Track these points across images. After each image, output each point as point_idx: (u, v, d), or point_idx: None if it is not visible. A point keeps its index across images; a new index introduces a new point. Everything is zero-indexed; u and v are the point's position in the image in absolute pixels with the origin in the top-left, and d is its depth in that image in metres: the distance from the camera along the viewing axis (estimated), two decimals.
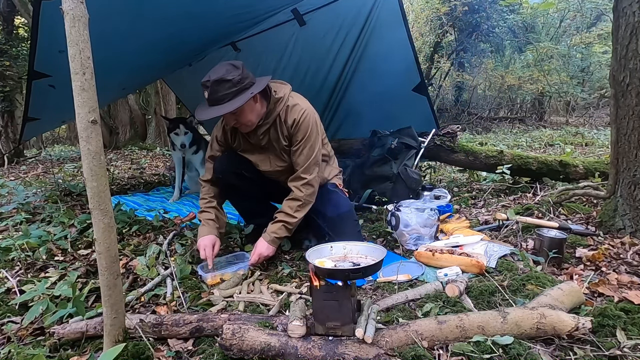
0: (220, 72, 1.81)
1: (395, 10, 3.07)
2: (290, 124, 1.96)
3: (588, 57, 10.62)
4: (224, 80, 1.79)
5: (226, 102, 1.81)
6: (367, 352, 1.18)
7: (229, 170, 2.11)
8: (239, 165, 2.12)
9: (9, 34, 7.10)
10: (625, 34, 1.94)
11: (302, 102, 2.02)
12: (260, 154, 2.10)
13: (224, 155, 2.14)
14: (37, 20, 1.85)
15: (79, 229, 2.53)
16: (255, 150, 2.10)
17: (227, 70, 1.81)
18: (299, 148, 1.97)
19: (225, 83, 1.79)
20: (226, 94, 1.80)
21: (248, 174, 2.13)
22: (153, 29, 2.55)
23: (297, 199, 1.96)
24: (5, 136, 7.12)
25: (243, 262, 2.00)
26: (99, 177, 1.13)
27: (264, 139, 2.04)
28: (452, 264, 1.84)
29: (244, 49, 4.02)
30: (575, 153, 5.39)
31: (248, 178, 2.13)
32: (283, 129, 1.99)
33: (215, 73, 1.82)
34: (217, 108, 1.83)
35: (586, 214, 2.45)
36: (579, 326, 1.23)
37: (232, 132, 2.10)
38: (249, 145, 2.10)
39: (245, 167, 2.12)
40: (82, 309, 1.43)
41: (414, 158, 3.24)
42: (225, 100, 1.81)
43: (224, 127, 2.10)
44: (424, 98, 3.39)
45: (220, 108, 1.82)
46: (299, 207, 1.96)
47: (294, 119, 1.95)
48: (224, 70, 1.81)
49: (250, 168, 2.14)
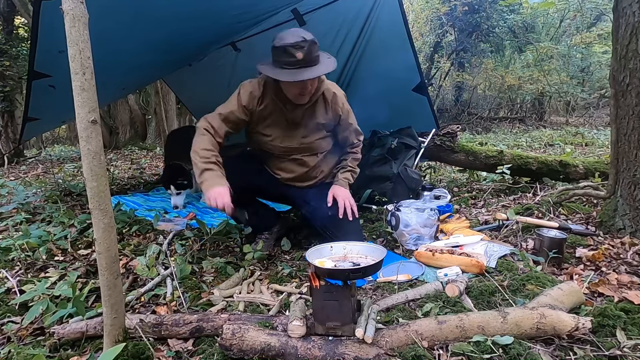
0: (307, 34, 1.79)
1: (395, 10, 3.07)
2: (330, 99, 2.07)
3: (588, 57, 10.62)
4: (315, 42, 1.80)
5: (318, 64, 1.83)
6: (367, 352, 1.18)
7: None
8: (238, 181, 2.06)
9: (9, 34, 7.09)
10: (625, 34, 1.94)
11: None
12: (288, 129, 2.07)
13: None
14: (37, 20, 1.85)
15: (79, 229, 2.53)
16: (282, 125, 2.06)
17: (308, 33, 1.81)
18: (345, 117, 2.14)
19: (316, 44, 1.81)
20: (317, 55, 1.83)
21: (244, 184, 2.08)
22: (153, 29, 2.55)
23: (357, 159, 2.26)
24: (5, 136, 7.12)
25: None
26: (99, 177, 1.13)
27: (302, 114, 2.03)
28: (452, 264, 1.84)
29: (244, 49, 4.02)
30: (575, 153, 5.39)
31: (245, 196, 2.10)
32: (326, 105, 2.08)
33: (303, 34, 1.78)
34: (315, 69, 1.82)
35: (586, 214, 2.45)
36: (579, 326, 1.23)
37: (265, 102, 2.00)
38: (280, 119, 2.03)
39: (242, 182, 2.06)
40: (82, 309, 1.43)
41: (414, 158, 3.24)
42: (317, 62, 1.82)
43: (252, 94, 1.99)
44: (424, 98, 3.39)
45: (317, 68, 1.82)
46: (358, 164, 2.28)
47: (333, 92, 2.08)
48: (309, 33, 1.80)
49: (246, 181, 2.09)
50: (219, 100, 2.10)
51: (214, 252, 2.21)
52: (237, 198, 2.04)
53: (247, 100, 1.99)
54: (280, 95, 1.99)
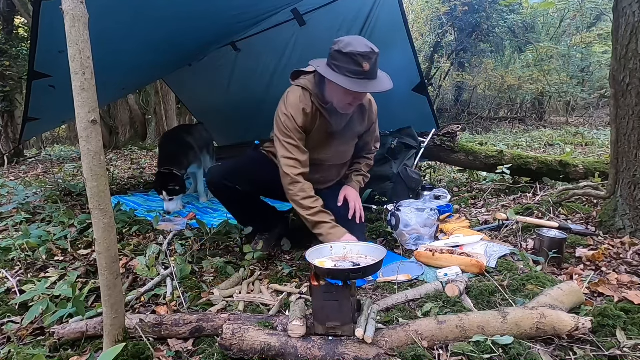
0: (373, 45, 1.73)
1: (395, 10, 3.07)
2: (367, 107, 2.11)
3: (588, 57, 10.62)
4: (378, 55, 1.74)
5: (377, 77, 1.78)
6: (367, 352, 1.18)
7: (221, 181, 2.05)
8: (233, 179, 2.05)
9: (9, 34, 7.10)
10: (625, 34, 1.94)
11: None
12: (326, 139, 2.03)
13: (217, 167, 2.09)
14: (37, 20, 1.85)
15: (79, 229, 2.53)
16: (322, 136, 2.01)
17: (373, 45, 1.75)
18: (374, 124, 2.21)
19: (378, 57, 1.75)
20: (378, 69, 1.78)
21: (242, 188, 2.06)
22: (153, 29, 2.55)
23: (370, 165, 2.33)
24: (5, 136, 7.12)
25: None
26: (99, 177, 1.13)
27: (345, 122, 2.00)
28: (452, 264, 1.84)
29: (244, 49, 4.02)
30: (575, 153, 5.38)
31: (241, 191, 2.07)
32: (363, 113, 2.10)
33: (370, 44, 1.72)
34: (378, 83, 1.77)
35: (586, 214, 2.45)
36: (579, 326, 1.23)
37: (316, 115, 1.94)
38: (324, 129, 1.98)
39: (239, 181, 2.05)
40: (82, 309, 1.43)
41: (414, 158, 3.24)
42: (377, 75, 1.77)
43: (304, 111, 1.90)
44: (424, 98, 3.39)
45: (381, 83, 1.77)
46: (368, 171, 2.33)
47: (369, 99, 2.13)
48: (372, 44, 1.73)
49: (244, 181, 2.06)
50: (219, 100, 2.11)
51: (214, 252, 2.21)
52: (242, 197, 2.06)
53: (302, 120, 1.91)
54: (327, 107, 1.92)
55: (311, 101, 1.92)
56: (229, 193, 2.09)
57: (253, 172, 2.12)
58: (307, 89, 1.93)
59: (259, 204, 2.30)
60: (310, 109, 1.92)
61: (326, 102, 1.91)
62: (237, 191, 2.06)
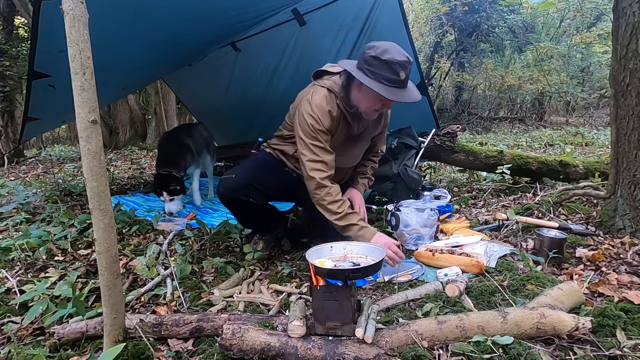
0: (407, 54, 1.72)
1: (395, 10, 3.07)
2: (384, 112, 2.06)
3: (588, 57, 10.62)
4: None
5: (408, 86, 1.78)
6: (367, 352, 1.18)
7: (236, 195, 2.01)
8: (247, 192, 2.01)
9: (9, 34, 7.10)
10: (625, 34, 1.94)
11: None
12: (345, 142, 1.99)
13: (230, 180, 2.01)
14: (37, 20, 1.85)
15: (79, 229, 2.53)
16: (342, 140, 1.97)
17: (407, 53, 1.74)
18: (385, 128, 2.21)
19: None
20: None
21: (255, 201, 2.05)
22: (153, 30, 2.55)
23: (375, 168, 2.33)
24: (5, 136, 7.12)
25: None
26: (99, 177, 1.13)
27: (364, 128, 2.01)
28: (452, 264, 1.84)
29: (244, 49, 4.02)
30: (575, 153, 5.38)
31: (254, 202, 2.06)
32: (381, 116, 2.06)
33: (405, 53, 1.72)
34: (411, 92, 1.78)
35: (586, 214, 2.45)
36: (579, 326, 1.23)
37: (340, 118, 1.90)
38: (344, 133, 1.95)
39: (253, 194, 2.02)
40: (82, 309, 1.43)
41: (414, 158, 3.24)
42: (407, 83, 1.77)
43: (330, 113, 1.85)
44: (424, 98, 3.39)
45: (413, 93, 1.79)
46: (373, 174, 2.33)
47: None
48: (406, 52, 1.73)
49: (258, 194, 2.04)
50: (219, 100, 2.11)
51: (214, 252, 2.21)
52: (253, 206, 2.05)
53: (328, 123, 1.85)
54: (352, 111, 1.88)
55: (337, 104, 1.87)
56: (242, 205, 2.06)
57: (267, 183, 2.05)
58: (332, 91, 1.87)
59: (264, 208, 2.26)
60: (336, 112, 1.86)
61: (351, 106, 1.87)
62: (250, 202, 2.03)
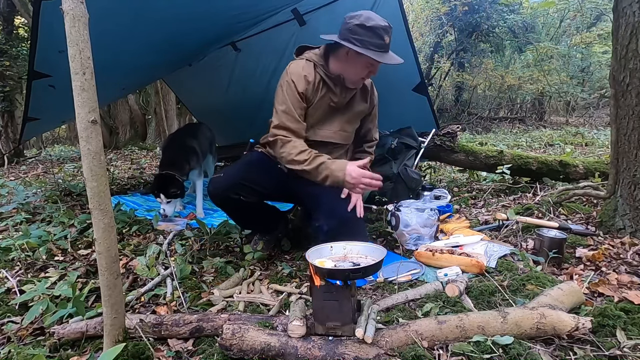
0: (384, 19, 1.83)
1: (395, 10, 3.06)
2: (369, 87, 2.12)
3: (588, 57, 10.62)
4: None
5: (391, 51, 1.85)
6: (367, 352, 1.18)
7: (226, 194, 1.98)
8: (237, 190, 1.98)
9: (9, 34, 7.10)
10: (625, 34, 1.94)
11: None
12: (330, 113, 2.00)
13: (219, 178, 2.00)
14: (37, 20, 1.85)
15: (79, 229, 2.53)
16: (326, 109, 1.98)
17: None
18: (375, 108, 2.19)
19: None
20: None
21: (246, 199, 2.00)
22: (153, 31, 2.55)
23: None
24: (5, 136, 7.12)
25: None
26: (99, 177, 1.13)
27: (348, 99, 2.02)
28: (452, 264, 1.84)
29: (244, 49, 4.02)
30: (575, 153, 5.38)
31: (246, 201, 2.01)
32: (366, 94, 2.10)
33: (384, 19, 1.83)
34: (395, 56, 1.85)
35: (586, 214, 2.45)
36: (579, 326, 1.23)
37: (320, 84, 1.93)
38: (327, 102, 1.96)
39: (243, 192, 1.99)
40: (82, 309, 1.43)
41: (414, 158, 3.24)
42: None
43: (306, 78, 1.88)
44: (424, 98, 3.39)
45: (395, 56, 1.85)
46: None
47: (371, 82, 2.14)
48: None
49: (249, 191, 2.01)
50: (219, 100, 2.11)
51: (214, 252, 2.21)
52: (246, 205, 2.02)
53: (303, 86, 1.87)
54: (332, 77, 1.93)
55: (315, 71, 1.91)
56: (233, 204, 2.03)
57: (256, 180, 2.03)
58: (310, 60, 1.93)
59: (261, 207, 2.24)
60: (313, 77, 1.89)
61: (332, 72, 1.91)
62: (241, 201, 2.00)
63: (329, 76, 1.92)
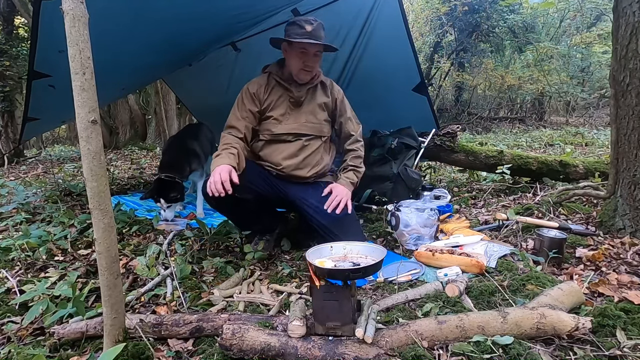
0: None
1: (395, 10, 3.06)
2: (327, 84, 2.29)
3: (588, 57, 10.61)
4: (323, 26, 2.11)
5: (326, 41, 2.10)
6: (367, 352, 1.18)
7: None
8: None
9: (9, 34, 7.09)
10: (625, 34, 1.94)
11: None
12: (294, 107, 2.20)
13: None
14: (37, 20, 1.85)
15: (79, 229, 2.53)
16: (288, 105, 2.19)
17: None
18: (342, 103, 2.31)
19: (323, 28, 2.11)
20: (323, 37, 2.10)
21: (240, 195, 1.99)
22: (153, 31, 2.55)
23: (359, 156, 2.29)
24: (5, 136, 7.12)
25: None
26: (99, 177, 1.13)
27: (306, 93, 2.21)
28: (452, 264, 1.84)
29: (244, 49, 4.02)
30: (575, 153, 5.38)
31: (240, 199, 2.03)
32: (325, 89, 2.28)
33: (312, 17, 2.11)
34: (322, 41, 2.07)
35: (586, 214, 2.45)
36: (579, 326, 1.23)
37: (271, 88, 2.20)
38: (286, 99, 2.19)
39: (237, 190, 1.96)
40: (82, 309, 1.43)
41: (414, 158, 3.24)
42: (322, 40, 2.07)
43: (258, 82, 2.22)
44: (424, 98, 3.39)
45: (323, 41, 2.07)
46: (361, 162, 2.30)
47: (330, 80, 2.33)
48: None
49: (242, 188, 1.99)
50: (219, 100, 2.14)
51: (214, 252, 2.21)
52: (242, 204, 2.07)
53: (255, 88, 2.17)
54: (285, 78, 2.18)
55: (268, 79, 2.21)
56: (228, 204, 2.04)
57: (248, 177, 2.05)
58: (267, 72, 2.25)
59: (257, 207, 2.24)
60: (266, 82, 2.20)
61: (285, 75, 2.18)
62: (235, 199, 1.99)
63: (282, 79, 2.19)
